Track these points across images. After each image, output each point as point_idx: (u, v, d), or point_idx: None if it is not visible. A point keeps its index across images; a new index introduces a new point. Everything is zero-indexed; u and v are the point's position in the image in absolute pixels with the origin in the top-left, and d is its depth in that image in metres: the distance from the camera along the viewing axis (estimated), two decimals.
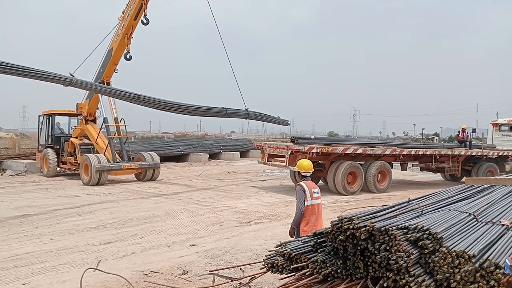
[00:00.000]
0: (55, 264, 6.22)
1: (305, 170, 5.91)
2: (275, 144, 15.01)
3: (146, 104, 13.32)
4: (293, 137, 14.42)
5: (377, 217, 4.53)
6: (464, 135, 18.15)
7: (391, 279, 3.96)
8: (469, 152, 17.14)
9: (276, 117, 16.83)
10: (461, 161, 17.41)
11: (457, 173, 17.59)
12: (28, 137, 44.90)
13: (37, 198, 12.03)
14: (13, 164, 19.49)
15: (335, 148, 13.55)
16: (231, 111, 15.06)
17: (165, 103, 13.59)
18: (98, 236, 7.87)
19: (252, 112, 15.62)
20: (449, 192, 6.46)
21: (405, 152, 15.05)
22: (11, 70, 9.66)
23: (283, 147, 13.76)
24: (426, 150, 15.94)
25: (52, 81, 10.75)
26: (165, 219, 9.49)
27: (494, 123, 21.20)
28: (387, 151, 14.51)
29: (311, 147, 12.99)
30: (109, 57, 15.64)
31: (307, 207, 5.57)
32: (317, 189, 5.79)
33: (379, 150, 14.45)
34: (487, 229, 4.73)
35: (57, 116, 18.58)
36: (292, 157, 13.18)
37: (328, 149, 13.27)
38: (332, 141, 15.28)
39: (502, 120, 21.25)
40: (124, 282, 5.33)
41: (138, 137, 55.47)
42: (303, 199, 5.55)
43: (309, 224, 5.57)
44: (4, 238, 7.67)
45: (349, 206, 11.27)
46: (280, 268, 5.12)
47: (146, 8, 14.56)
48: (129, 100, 12.91)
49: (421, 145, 17.50)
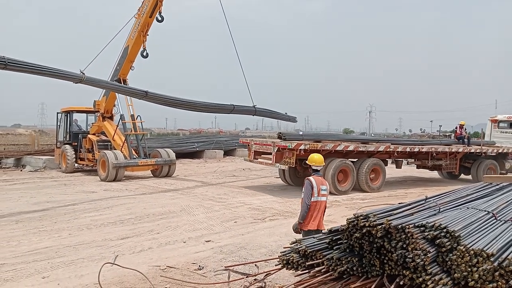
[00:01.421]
0: (73, 258, 6.33)
1: (316, 164, 5.87)
2: (262, 141, 14.28)
3: (155, 101, 13.48)
4: (279, 133, 13.76)
5: (394, 215, 4.50)
6: (462, 132, 17.66)
7: (408, 277, 3.94)
8: (467, 149, 16.63)
9: (284, 113, 16.80)
10: (459, 158, 16.94)
11: (455, 171, 17.17)
12: (47, 134, 45.58)
13: (56, 194, 12.25)
14: (32, 160, 19.85)
15: (325, 144, 12.93)
16: (238, 107, 15.13)
17: (173, 99, 13.73)
18: (115, 231, 7.98)
19: (259, 108, 15.63)
20: (467, 190, 6.37)
21: (399, 149, 14.55)
22: (24, 68, 9.90)
23: (269, 144, 13.17)
24: (422, 147, 15.40)
25: (63, 78, 10.94)
26: (181, 215, 9.57)
27: (493, 119, 20.35)
28: (381, 148, 14.01)
29: (298, 143, 12.30)
30: (125, 55, 15.80)
31: (312, 202, 5.57)
32: (326, 186, 5.76)
33: (371, 147, 13.93)
34: (506, 227, 4.66)
35: (75, 113, 18.84)
36: (279, 154, 12.71)
37: (317, 146, 12.66)
38: (323, 137, 14.52)
39: (501, 116, 20.28)
40: (141, 277, 5.40)
41: (154, 133, 55.93)
42: (310, 194, 5.56)
43: (308, 220, 5.59)
44: (24, 232, 7.84)
45: (364, 204, 11.20)
46: (295, 264, 5.13)
47: (161, 5, 14.64)
48: (138, 97, 13.09)
49: (416, 142, 16.87)
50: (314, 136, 14.50)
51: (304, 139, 13.02)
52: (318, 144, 12.77)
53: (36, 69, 10.21)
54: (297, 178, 14.39)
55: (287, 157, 12.47)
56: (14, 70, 9.74)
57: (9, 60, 9.40)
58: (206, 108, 14.75)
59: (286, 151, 12.43)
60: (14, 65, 9.59)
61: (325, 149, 12.79)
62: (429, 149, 15.43)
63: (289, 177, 14.50)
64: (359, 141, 14.48)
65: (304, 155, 12.37)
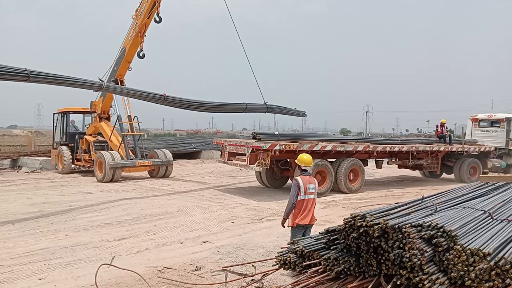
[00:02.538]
0: (70, 259, 6.31)
1: (305, 164, 6.05)
2: (236, 141, 13.54)
3: (172, 104, 13.58)
4: (254, 133, 13.04)
5: (391, 215, 4.52)
6: (443, 130, 17.44)
7: (405, 277, 3.95)
8: (448, 148, 16.46)
9: (294, 109, 16.92)
10: (441, 157, 16.76)
11: (437, 170, 17.00)
12: (43, 135, 45.57)
13: (52, 195, 12.21)
14: (29, 161, 19.79)
15: (301, 145, 12.39)
16: (251, 105, 15.26)
17: (190, 102, 13.84)
18: (112, 232, 7.96)
19: (271, 105, 15.74)
20: (464, 190, 6.40)
21: (379, 149, 14.17)
22: (46, 79, 10.08)
23: (243, 145, 12.52)
24: (403, 146, 15.04)
25: (84, 87, 11.15)
26: (178, 215, 9.56)
27: (474, 118, 19.96)
28: (359, 148, 13.61)
29: (273, 144, 11.69)
30: (122, 56, 15.77)
31: (299, 201, 5.78)
32: (313, 185, 5.92)
33: (350, 146, 13.46)
34: (503, 227, 4.69)
35: (71, 114, 18.79)
36: (253, 156, 12.13)
37: (293, 146, 12.13)
38: (300, 137, 13.84)
39: (482, 115, 19.87)
40: (138, 278, 5.39)
41: (151, 134, 55.90)
42: (297, 193, 5.77)
43: (299, 217, 5.80)
44: (20, 234, 7.80)
45: (362, 204, 11.21)
46: (292, 265, 5.14)
47: (159, 6, 14.63)
48: (156, 101, 13.16)
49: (397, 141, 16.39)
50: (291, 136, 13.94)
51: (280, 140, 12.49)
52: (294, 144, 12.27)
53: (57, 80, 10.40)
54: (274, 180, 14.10)
55: (261, 158, 11.97)
56: (36, 82, 9.96)
57: (31, 72, 9.56)
58: (221, 108, 14.93)
59: (261, 152, 11.90)
60: (36, 77, 9.75)
61: (302, 150, 12.26)
62: (409, 148, 15.20)
63: (266, 179, 14.05)
64: (338, 141, 14.08)
65: (279, 156, 12.04)
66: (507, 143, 18.21)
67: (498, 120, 18.88)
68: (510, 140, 18.16)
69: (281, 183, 14.28)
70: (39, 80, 9.92)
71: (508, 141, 18.18)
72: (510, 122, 18.30)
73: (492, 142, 18.35)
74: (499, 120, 18.82)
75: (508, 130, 18.23)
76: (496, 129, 18.88)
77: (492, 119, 19.20)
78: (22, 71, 9.40)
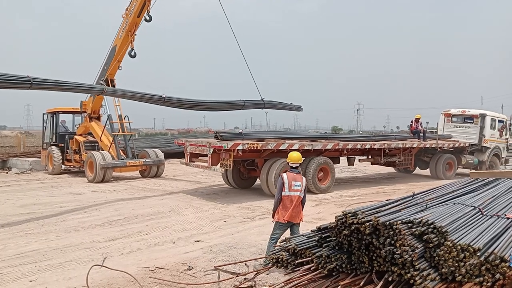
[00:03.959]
0: (61, 261, 6.26)
1: (291, 161, 6.19)
2: (197, 141, 12.89)
3: (172, 105, 13.59)
4: (216, 132, 12.31)
5: (382, 212, 4.54)
6: (418, 126, 17.13)
7: (396, 273, 3.97)
8: (422, 144, 16.25)
9: (290, 103, 16.98)
10: (414, 153, 16.59)
11: (410, 167, 16.87)
12: (33, 135, 45.13)
13: (43, 196, 12.10)
14: (18, 162, 19.58)
15: (266, 144, 11.85)
16: (249, 102, 15.31)
17: (189, 102, 13.86)
18: (103, 233, 7.91)
19: (267, 101, 15.77)
20: (454, 186, 6.45)
21: (349, 147, 13.81)
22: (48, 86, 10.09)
23: (204, 145, 11.98)
24: (374, 143, 14.65)
25: (86, 91, 11.15)
26: (170, 215, 9.52)
27: (446, 113, 19.56)
28: (329, 146, 13.14)
29: (235, 143, 11.13)
30: (112, 55, 15.65)
31: (284, 197, 5.90)
32: (300, 182, 6.01)
33: (319, 145, 12.99)
34: (492, 222, 4.73)
35: (61, 114, 18.62)
36: (215, 156, 11.56)
37: (257, 146, 11.57)
38: (266, 135, 13.28)
39: (454, 110, 19.45)
40: (129, 279, 5.36)
41: (142, 134, 55.64)
42: (281, 190, 5.91)
43: (281, 213, 5.92)
44: (10, 235, 7.72)
45: (353, 201, 11.27)
46: (285, 263, 5.15)
47: (149, 5, 14.54)
48: (156, 102, 13.15)
49: (369, 138, 15.94)
50: (257, 135, 13.33)
51: (245, 139, 11.99)
52: (258, 143, 11.71)
53: (60, 86, 10.43)
54: (242, 180, 13.65)
55: (223, 159, 11.47)
56: (39, 89, 10.00)
57: (34, 80, 9.56)
58: (220, 106, 14.98)
59: (223, 152, 11.35)
60: (38, 84, 9.75)
61: (267, 149, 11.88)
62: (381, 145, 14.82)
63: (232, 179, 13.50)
64: (308, 139, 13.72)
65: (242, 156, 11.51)
66: (480, 140, 18.00)
67: (472, 116, 18.61)
68: (483, 136, 17.97)
69: (248, 184, 13.88)
70: (42, 87, 9.98)
71: (481, 138, 17.97)
72: (484, 119, 18.05)
73: (464, 138, 18.18)
74: (473, 116, 18.56)
75: (482, 127, 18.00)
76: (469, 125, 18.62)
77: (465, 115, 18.93)
78: (25, 79, 9.47)
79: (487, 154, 18.03)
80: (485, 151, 18.05)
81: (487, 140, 18.09)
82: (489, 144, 18.11)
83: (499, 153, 18.80)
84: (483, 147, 18.00)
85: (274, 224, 6.03)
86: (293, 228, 5.98)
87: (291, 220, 5.91)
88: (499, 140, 18.90)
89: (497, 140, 18.75)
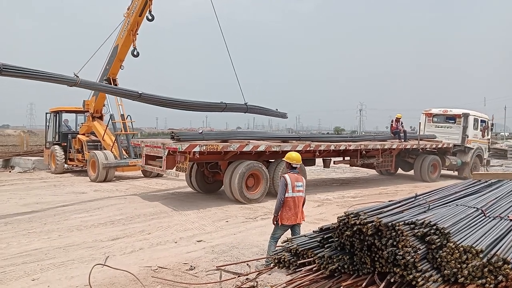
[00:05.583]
0: (63, 260, 6.27)
1: (291, 161, 6.12)
2: (153, 142, 11.83)
3: (148, 102, 13.45)
4: (172, 132, 11.34)
5: (384, 213, 4.53)
6: (398, 125, 16.44)
7: (398, 274, 3.96)
8: (402, 145, 15.60)
9: (275, 109, 16.77)
10: (395, 155, 16.02)
11: (390, 169, 16.30)
12: (36, 134, 45.28)
13: (45, 195, 12.13)
14: (21, 161, 19.65)
15: (228, 145, 10.88)
16: (230, 105, 15.07)
17: (166, 100, 13.71)
18: (106, 232, 7.93)
19: (251, 106, 15.59)
20: (457, 187, 6.44)
21: (322, 148, 12.97)
22: (19, 73, 9.95)
23: (159, 146, 11.03)
24: (350, 144, 13.81)
25: (57, 82, 11.00)
26: (172, 215, 9.54)
27: (427, 112, 18.95)
28: (299, 147, 12.18)
29: (191, 145, 10.14)
30: (114, 54, 15.68)
31: (287, 198, 5.84)
32: (301, 183, 5.99)
33: (288, 146, 12.05)
34: (495, 224, 4.71)
35: (64, 113, 18.68)
36: (170, 159, 10.69)
37: (217, 147, 10.61)
38: (231, 136, 12.26)
39: (436, 110, 18.85)
40: (132, 278, 5.37)
41: (145, 133, 55.75)
42: (284, 191, 5.84)
43: (288, 215, 5.87)
44: (13, 234, 7.75)
45: (356, 201, 11.26)
46: (286, 263, 5.15)
47: (151, 4, 14.56)
48: (132, 98, 13.06)
49: (346, 139, 15.05)
50: (222, 135, 12.27)
51: (205, 139, 10.99)
52: (219, 145, 10.72)
53: (31, 74, 10.29)
54: (206, 184, 12.71)
55: (179, 162, 10.67)
56: (9, 75, 9.86)
57: (4, 66, 9.46)
58: (198, 107, 14.72)
59: (178, 154, 10.53)
60: (9, 70, 9.65)
61: (229, 151, 10.94)
62: (357, 146, 14.08)
63: (196, 183, 12.56)
64: (278, 140, 12.84)
65: (200, 158, 10.65)
66: (463, 140, 17.45)
67: (454, 115, 18.08)
68: (466, 137, 17.41)
69: (214, 188, 12.83)
70: (12, 74, 9.80)
71: (464, 138, 17.42)
72: (467, 119, 17.51)
73: (446, 138, 17.70)
74: (455, 115, 18.02)
75: (465, 127, 17.45)
76: (451, 125, 18.10)
77: (447, 115, 18.38)
78: None
79: (471, 155, 17.55)
80: (468, 152, 17.56)
81: (470, 141, 17.58)
82: (472, 144, 17.62)
83: (482, 154, 18.36)
84: (466, 147, 17.49)
85: (281, 228, 5.97)
86: (294, 228, 5.98)
87: (299, 221, 5.91)
88: (481, 141, 18.44)
89: (480, 140, 18.30)
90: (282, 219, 5.87)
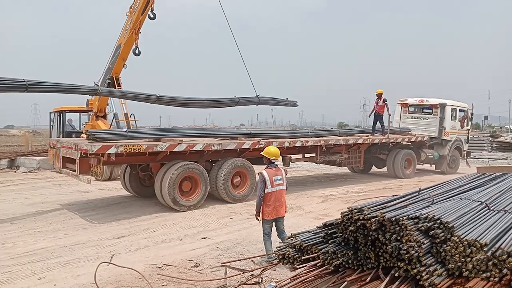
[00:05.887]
0: (69, 258, 6.31)
1: (269, 156, 6.10)
2: (68, 143, 10.12)
3: (166, 103, 13.61)
4: (87, 131, 10.17)
5: (388, 207, 4.53)
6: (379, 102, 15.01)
7: (403, 269, 3.97)
8: (368, 140, 14.40)
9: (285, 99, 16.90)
10: (363, 150, 14.83)
11: (359, 165, 15.12)
12: (40, 134, 45.41)
13: (51, 194, 12.20)
14: (26, 161, 19.72)
15: (154, 145, 9.47)
16: (243, 99, 15.25)
17: (183, 100, 13.88)
18: (111, 231, 7.97)
19: (262, 98, 15.72)
20: (461, 181, 6.42)
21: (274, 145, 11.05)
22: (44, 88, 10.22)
23: (71, 147, 9.48)
24: (307, 140, 12.70)
25: (81, 93, 11.38)
26: (176, 212, 9.56)
27: (403, 103, 17.79)
28: (246, 145, 10.94)
29: (104, 146, 8.74)
30: (117, 53, 15.71)
31: (267, 193, 5.86)
32: (280, 176, 6.00)
33: (232, 144, 10.74)
34: (499, 217, 4.71)
35: (68, 112, 18.73)
36: (84, 162, 9.32)
37: (140, 148, 9.18)
38: (164, 134, 10.69)
39: (412, 100, 17.65)
40: (137, 275, 5.40)
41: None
42: (263, 187, 5.86)
43: (269, 210, 5.90)
44: (19, 234, 7.80)
45: (359, 197, 11.24)
46: (291, 259, 5.17)
47: (153, 2, 14.56)
48: (150, 101, 13.21)
49: (304, 134, 14.07)
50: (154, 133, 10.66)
51: (129, 138, 9.70)
52: (142, 145, 9.25)
53: (55, 88, 10.53)
54: (143, 187, 11.37)
55: (93, 165, 9.59)
56: (35, 91, 10.10)
57: (29, 83, 9.64)
58: (214, 104, 14.98)
59: (92, 157, 9.20)
60: (34, 87, 9.85)
61: (155, 151, 9.57)
62: (316, 142, 12.88)
63: (131, 186, 11.28)
64: (227, 137, 11.69)
65: (116, 161, 9.21)
66: (440, 132, 16.48)
67: (430, 106, 16.99)
68: (443, 129, 16.43)
69: (151, 191, 10.56)
70: (38, 90, 10.11)
71: (441, 130, 16.44)
72: (444, 109, 16.45)
73: (422, 130, 16.66)
74: (431, 106, 16.94)
75: (442, 118, 16.41)
76: (427, 116, 17.02)
77: (423, 105, 17.26)
78: (20, 82, 9.60)
79: (448, 147, 16.70)
80: (445, 145, 16.67)
81: (447, 133, 16.61)
82: (450, 136, 16.67)
83: (461, 146, 17.41)
84: (443, 140, 16.58)
85: (263, 222, 6.02)
86: (277, 222, 6.04)
87: (278, 215, 5.96)
88: (460, 132, 17.36)
89: (458, 131, 17.24)
90: (264, 214, 5.92)
